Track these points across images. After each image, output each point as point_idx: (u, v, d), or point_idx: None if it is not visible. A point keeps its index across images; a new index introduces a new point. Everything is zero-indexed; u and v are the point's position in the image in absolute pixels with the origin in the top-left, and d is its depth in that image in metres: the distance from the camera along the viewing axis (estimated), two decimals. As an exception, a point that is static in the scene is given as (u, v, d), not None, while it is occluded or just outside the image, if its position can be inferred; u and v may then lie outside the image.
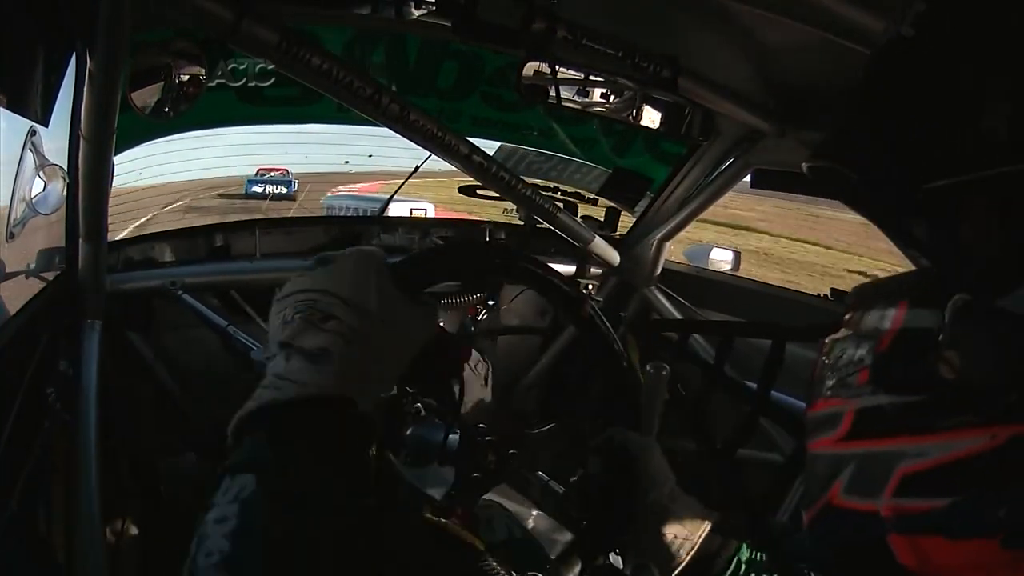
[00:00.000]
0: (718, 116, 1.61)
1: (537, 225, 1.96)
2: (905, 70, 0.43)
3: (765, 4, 1.04)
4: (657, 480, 0.72)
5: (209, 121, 1.85)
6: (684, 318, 2.06)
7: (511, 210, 2.25)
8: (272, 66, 1.43)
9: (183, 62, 1.23)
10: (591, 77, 1.43)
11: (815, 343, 0.44)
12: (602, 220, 2.08)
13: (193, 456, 1.76)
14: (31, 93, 1.04)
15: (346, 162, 11.61)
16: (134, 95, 1.18)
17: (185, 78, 1.24)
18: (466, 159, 1.49)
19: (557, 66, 1.33)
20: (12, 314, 1.14)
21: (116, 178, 1.37)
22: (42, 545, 1.05)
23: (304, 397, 0.46)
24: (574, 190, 2.06)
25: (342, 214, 5.32)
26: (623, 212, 2.14)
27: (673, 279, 2.15)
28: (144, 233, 1.97)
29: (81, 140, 1.17)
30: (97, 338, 1.35)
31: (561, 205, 1.84)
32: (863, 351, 0.38)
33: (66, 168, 1.22)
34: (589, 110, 1.52)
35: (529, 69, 1.34)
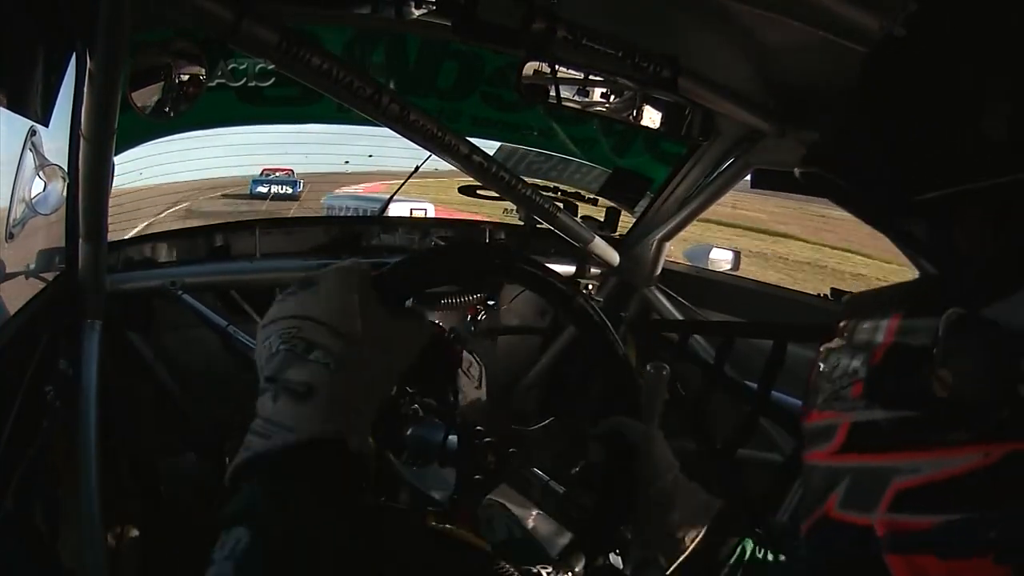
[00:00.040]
0: (718, 116, 1.61)
1: (537, 225, 1.96)
2: (896, 71, 0.42)
3: (765, 4, 1.04)
4: (660, 468, 0.72)
5: (209, 121, 1.85)
6: (684, 318, 2.06)
7: (511, 210, 2.25)
8: (272, 66, 1.44)
9: (183, 62, 1.23)
10: (591, 77, 1.43)
11: (816, 343, 0.43)
12: (602, 220, 2.08)
13: (193, 456, 1.76)
14: (31, 93, 1.04)
15: (346, 162, 11.59)
16: (134, 95, 1.18)
17: (185, 78, 1.24)
18: (466, 159, 1.49)
19: (557, 66, 1.33)
20: (12, 314, 1.14)
21: (116, 178, 1.38)
22: (41, 544, 1.05)
23: (293, 444, 0.46)
24: (574, 190, 2.06)
25: (342, 214, 5.31)
26: (623, 212, 2.13)
27: (673, 279, 2.15)
28: (144, 233, 1.97)
29: (81, 140, 1.17)
30: (97, 338, 1.35)
31: (561, 205, 1.84)
32: (857, 363, 0.38)
33: (66, 168, 1.22)
34: (589, 110, 1.52)
35: (529, 69, 1.34)
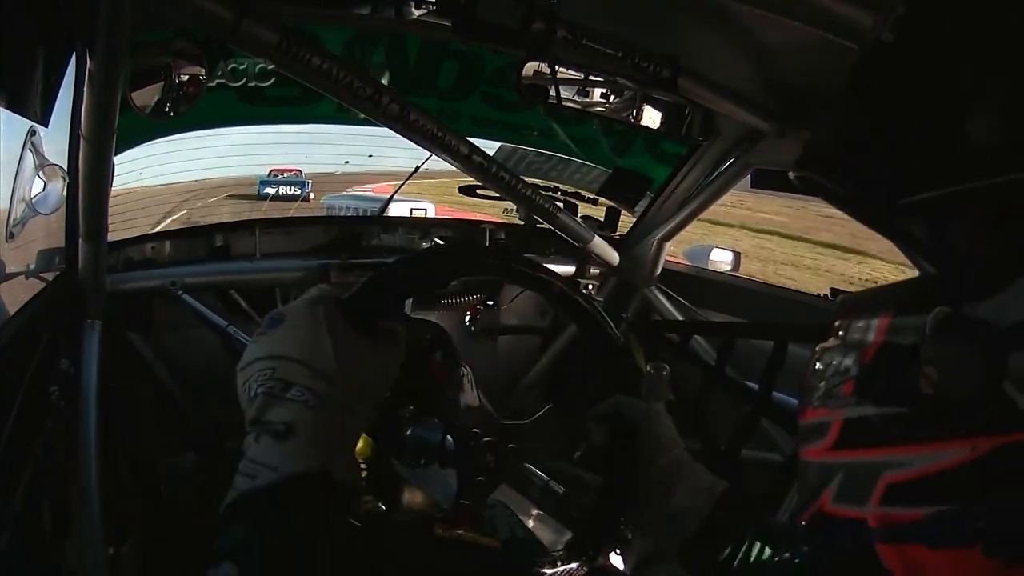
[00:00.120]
0: (718, 116, 1.61)
1: (537, 225, 1.96)
2: (884, 74, 0.43)
3: (765, 4, 1.04)
4: (663, 445, 0.71)
5: (209, 121, 1.85)
6: (685, 319, 2.06)
7: (511, 210, 2.25)
8: (272, 66, 1.43)
9: (183, 62, 1.23)
10: (591, 77, 1.43)
11: (816, 343, 0.44)
12: (602, 220, 2.08)
13: (193, 456, 1.76)
14: (31, 93, 1.04)
15: (346, 162, 11.55)
16: (134, 95, 1.18)
17: (185, 78, 1.24)
18: (466, 159, 1.49)
19: (557, 66, 1.33)
20: (12, 314, 1.14)
21: (117, 178, 1.38)
22: (43, 544, 1.05)
23: (276, 483, 0.47)
24: (574, 190, 2.06)
25: (342, 214, 5.32)
26: (623, 212, 2.13)
27: (673, 279, 2.14)
28: (144, 233, 1.97)
29: (81, 140, 1.17)
30: (97, 338, 1.35)
31: (561, 205, 1.84)
32: (849, 361, 0.39)
33: (66, 168, 1.22)
34: (589, 110, 1.52)
35: (529, 69, 1.34)
